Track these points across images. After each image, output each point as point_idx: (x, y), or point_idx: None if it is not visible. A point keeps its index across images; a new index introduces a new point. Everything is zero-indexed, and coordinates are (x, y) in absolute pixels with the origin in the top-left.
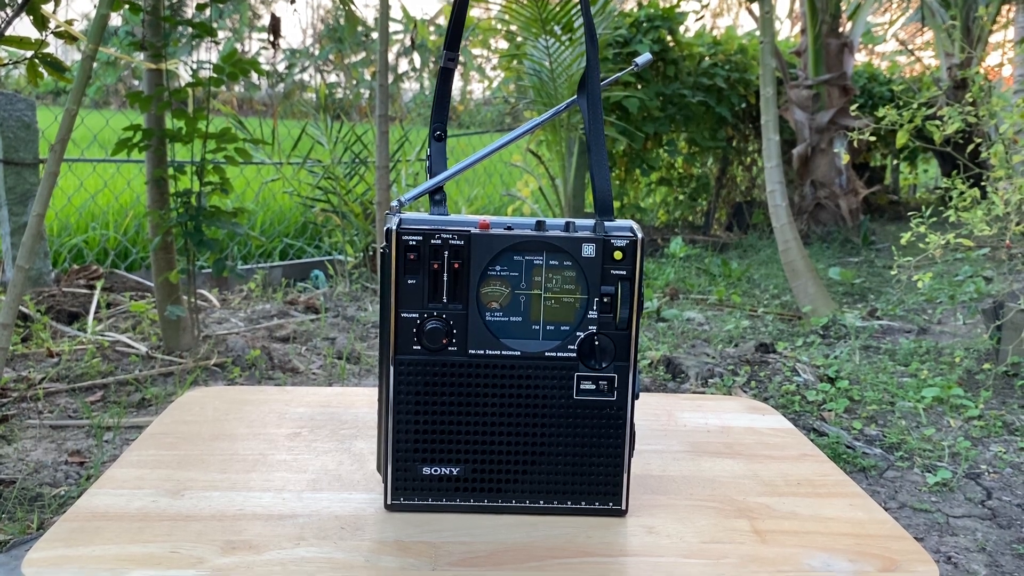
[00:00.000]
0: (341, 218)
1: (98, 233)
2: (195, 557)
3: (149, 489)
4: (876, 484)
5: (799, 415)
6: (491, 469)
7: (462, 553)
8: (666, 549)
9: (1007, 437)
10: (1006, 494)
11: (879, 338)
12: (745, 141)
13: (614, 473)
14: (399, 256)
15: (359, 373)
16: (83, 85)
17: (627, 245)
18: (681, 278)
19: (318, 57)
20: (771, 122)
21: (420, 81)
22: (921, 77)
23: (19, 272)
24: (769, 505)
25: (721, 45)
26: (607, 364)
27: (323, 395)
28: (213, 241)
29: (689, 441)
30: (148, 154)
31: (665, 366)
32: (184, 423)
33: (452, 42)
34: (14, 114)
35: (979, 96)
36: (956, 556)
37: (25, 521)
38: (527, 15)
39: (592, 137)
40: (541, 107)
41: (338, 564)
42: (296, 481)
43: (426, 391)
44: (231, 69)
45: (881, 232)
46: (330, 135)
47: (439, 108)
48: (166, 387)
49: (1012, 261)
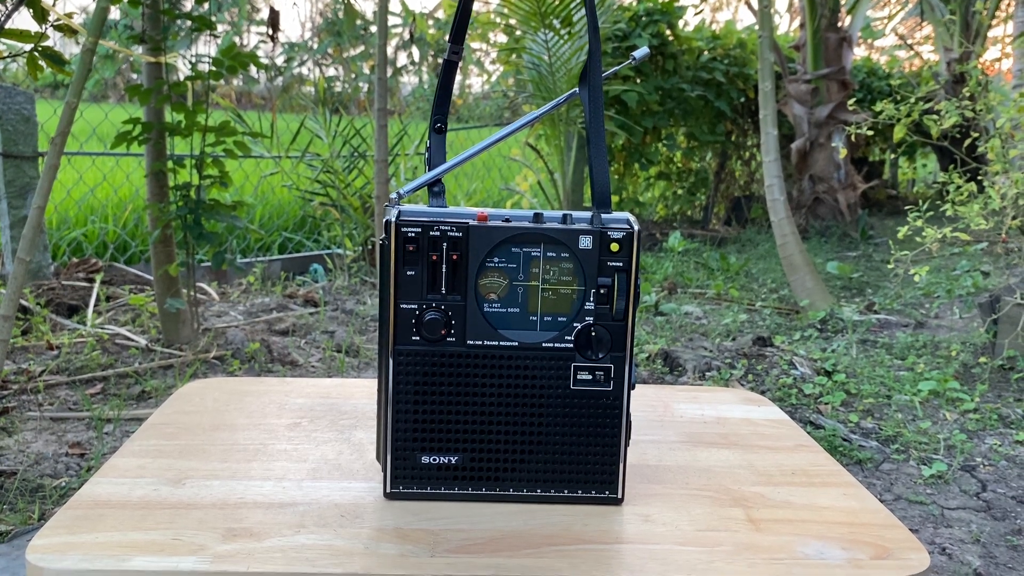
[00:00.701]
0: (340, 212)
1: (97, 226)
2: (196, 544)
3: (151, 478)
4: (872, 476)
5: (796, 408)
6: (489, 458)
7: (460, 540)
8: (661, 537)
9: (1002, 430)
10: (1001, 486)
11: (876, 332)
12: (744, 135)
13: (610, 462)
14: (398, 248)
15: (358, 366)
16: (83, 78)
17: (623, 237)
18: (679, 272)
19: (317, 51)
20: (770, 116)
21: (419, 75)
22: (920, 72)
23: (20, 265)
24: (764, 494)
25: (720, 39)
26: (604, 355)
27: (322, 386)
28: (212, 234)
29: (685, 431)
30: (147, 147)
31: (663, 359)
32: (185, 413)
33: (457, 35)
34: (13, 107)
35: (976, 91)
36: (951, 548)
37: (26, 512)
38: (526, 9)
39: (592, 130)
40: (540, 101)
41: (338, 551)
42: (296, 470)
43: (425, 381)
44: (230, 63)
45: (879, 226)
46: (329, 129)
47: (441, 100)
48: (166, 380)
49: (1009, 255)
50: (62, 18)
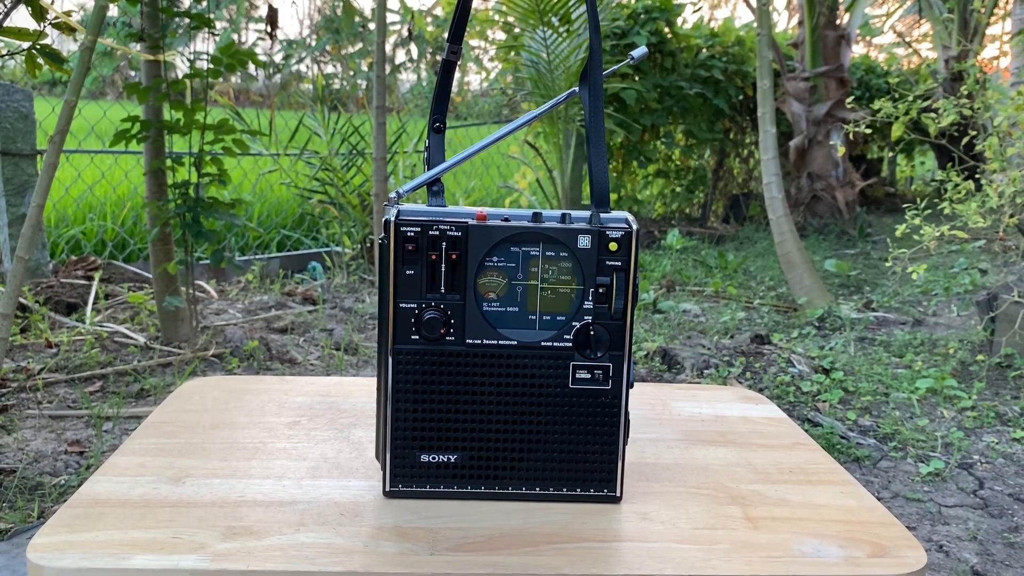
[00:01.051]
0: (338, 209)
1: (96, 224)
2: (197, 542)
3: (151, 476)
4: (870, 474)
5: (794, 406)
6: (488, 456)
7: (459, 538)
8: (659, 535)
9: (1000, 428)
10: (998, 484)
11: (874, 330)
12: (742, 133)
13: (609, 460)
14: (397, 247)
15: (357, 364)
16: (82, 76)
17: (622, 236)
18: (677, 270)
19: (315, 48)
20: (768, 114)
21: (417, 72)
22: (918, 69)
23: (19, 263)
24: (761, 492)
25: (719, 37)
26: (602, 353)
27: (322, 384)
28: (211, 232)
29: (683, 430)
30: (146, 145)
31: (661, 357)
32: (184, 412)
33: (456, 35)
34: (11, 105)
35: (974, 89)
36: (948, 545)
37: (26, 510)
38: (524, 6)
39: (592, 128)
40: (539, 99)
41: (337, 549)
42: (296, 469)
43: (424, 380)
44: (229, 60)
45: (877, 224)
46: (327, 126)
47: (439, 100)
48: (164, 378)
49: (1006, 253)
50: (60, 16)
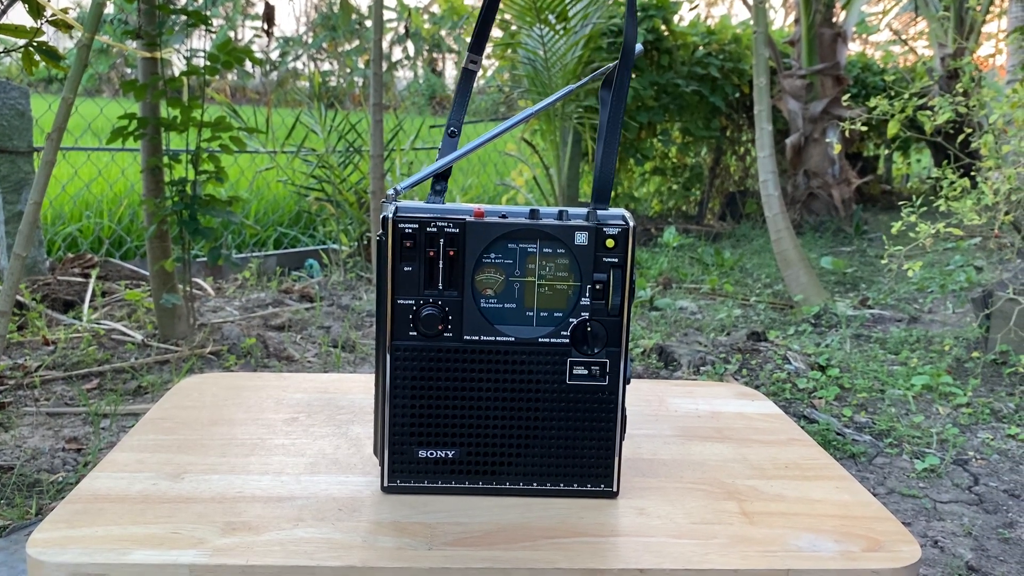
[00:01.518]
0: (335, 207)
1: (93, 222)
2: (196, 538)
3: (149, 472)
4: (865, 470)
5: (790, 403)
6: (486, 452)
7: (457, 533)
8: (656, 530)
9: (995, 424)
10: (993, 480)
11: (870, 327)
12: (739, 131)
13: (606, 456)
14: (395, 243)
15: (354, 361)
16: (80, 74)
17: (619, 233)
18: (674, 267)
19: (312, 45)
20: (764, 112)
21: (414, 69)
22: (914, 67)
23: (16, 260)
24: (757, 488)
25: (715, 35)
26: (599, 350)
27: (320, 381)
28: (208, 229)
29: (679, 426)
30: (143, 142)
31: (658, 354)
32: (183, 408)
33: (476, 44)
34: (8, 102)
35: (970, 86)
36: (943, 540)
37: (24, 507)
38: (521, 4)
39: (610, 128)
40: (535, 96)
41: (336, 544)
42: (294, 464)
43: (422, 376)
44: (225, 58)
45: (874, 222)
46: (324, 124)
47: (457, 107)
48: (162, 375)
49: (1001, 250)
50: (57, 13)
